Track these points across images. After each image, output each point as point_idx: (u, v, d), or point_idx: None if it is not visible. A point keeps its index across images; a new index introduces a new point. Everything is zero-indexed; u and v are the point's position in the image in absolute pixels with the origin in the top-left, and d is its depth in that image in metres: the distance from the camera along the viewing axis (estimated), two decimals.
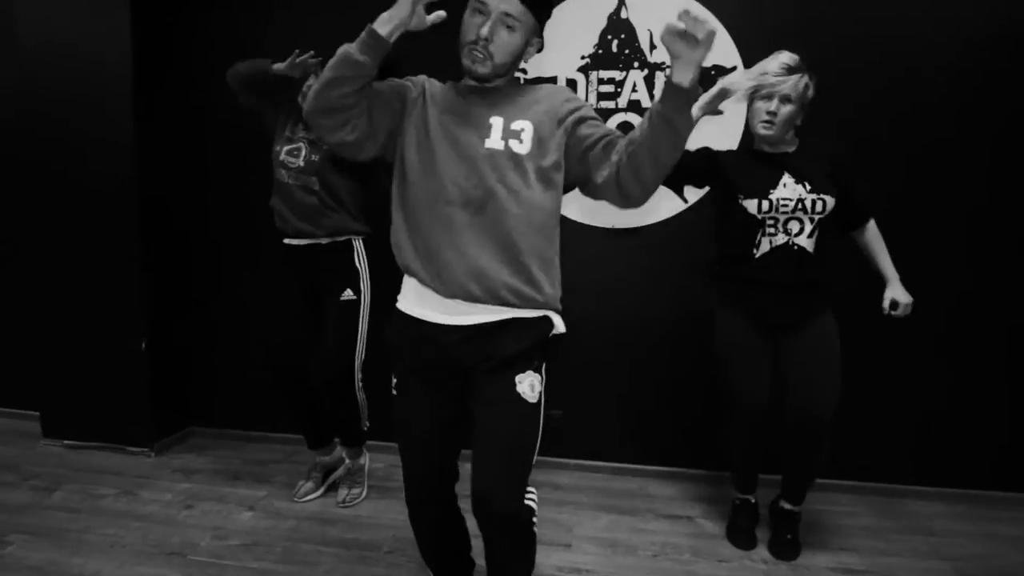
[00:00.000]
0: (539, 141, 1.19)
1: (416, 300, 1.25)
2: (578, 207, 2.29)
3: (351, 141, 1.18)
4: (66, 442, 2.58)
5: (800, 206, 1.67)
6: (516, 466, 1.19)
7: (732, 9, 2.18)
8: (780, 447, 1.81)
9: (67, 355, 2.53)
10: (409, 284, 1.28)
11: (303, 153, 1.97)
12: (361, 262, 2.04)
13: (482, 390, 1.20)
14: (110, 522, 1.97)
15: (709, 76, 2.19)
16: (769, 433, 1.80)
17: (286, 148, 1.99)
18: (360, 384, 2.08)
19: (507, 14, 1.15)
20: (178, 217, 2.58)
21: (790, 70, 1.63)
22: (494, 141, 1.18)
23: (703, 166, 1.78)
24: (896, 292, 1.75)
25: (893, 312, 1.75)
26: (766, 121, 1.66)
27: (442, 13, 1.17)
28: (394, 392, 1.32)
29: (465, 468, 1.24)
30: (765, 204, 1.68)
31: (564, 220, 1.31)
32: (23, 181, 2.52)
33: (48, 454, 2.51)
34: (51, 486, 2.22)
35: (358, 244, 2.04)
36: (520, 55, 1.23)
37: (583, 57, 2.28)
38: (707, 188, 2.01)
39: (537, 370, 1.22)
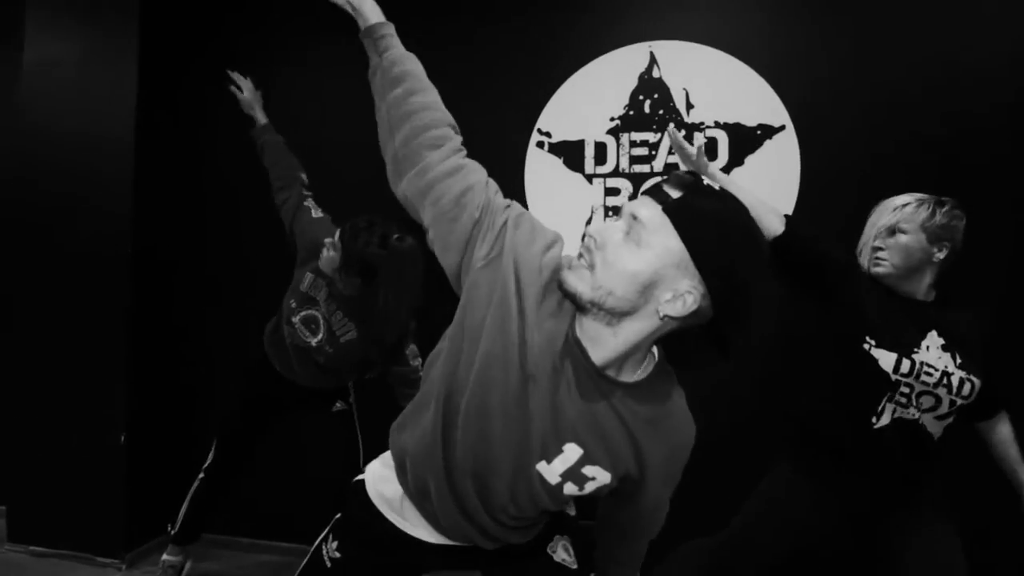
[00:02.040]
0: (601, 491, 0.89)
1: (399, 508, 0.99)
2: None
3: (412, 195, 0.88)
4: (32, 548, 2.27)
5: (945, 381, 1.27)
6: None
7: (776, 59, 1.99)
8: None
9: (37, 445, 2.27)
10: (390, 484, 1.00)
11: (320, 336, 1.69)
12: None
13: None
14: None
15: (755, 136, 1.99)
16: None
17: (302, 314, 1.71)
18: None
19: (636, 217, 0.77)
20: (169, 310, 2.38)
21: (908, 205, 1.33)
22: (551, 473, 0.85)
23: (820, 267, 1.37)
24: None
25: None
26: (879, 261, 1.32)
27: None
28: (325, 559, 1.03)
29: None
30: (905, 364, 1.28)
31: None
32: (5, 263, 2.37)
33: (10, 561, 2.21)
34: None
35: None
36: (643, 292, 0.76)
37: (612, 119, 2.09)
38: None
39: (562, 534, 1.03)
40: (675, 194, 0.76)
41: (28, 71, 2.27)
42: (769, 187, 1.94)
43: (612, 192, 2.09)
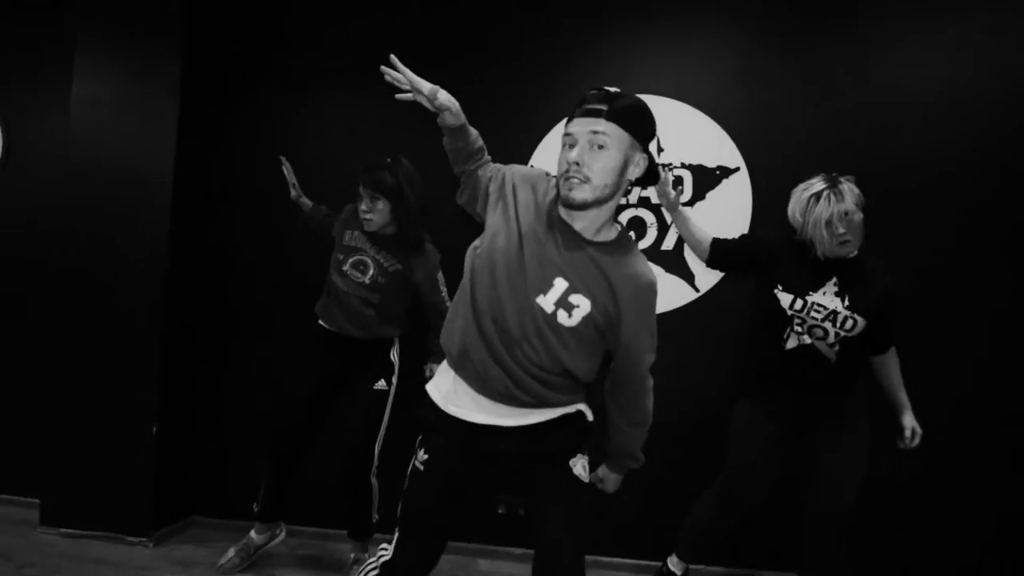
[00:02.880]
0: (588, 321, 1.20)
1: (454, 395, 1.29)
2: None
3: (464, 200, 1.35)
4: (63, 530, 2.48)
5: (832, 318, 1.70)
6: (580, 541, 1.27)
7: (733, 112, 2.37)
8: (802, 547, 1.83)
9: (72, 439, 2.50)
10: (447, 376, 1.31)
11: (371, 272, 2.03)
12: (396, 356, 2.14)
13: (539, 480, 1.27)
14: None
15: (714, 175, 2.36)
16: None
17: (351, 260, 2.05)
18: (375, 470, 2.08)
19: (594, 133, 1.13)
20: (196, 305, 2.66)
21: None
22: (547, 302, 1.20)
23: (749, 256, 1.87)
24: (912, 420, 1.77)
25: (909, 441, 1.78)
26: (844, 241, 1.68)
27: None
28: (419, 466, 1.32)
29: None
30: (795, 302, 1.73)
31: None
32: (45, 262, 2.65)
33: (44, 543, 2.42)
34: (48, 573, 2.12)
35: (396, 341, 2.15)
36: (621, 174, 1.17)
37: None
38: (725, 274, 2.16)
39: (584, 453, 1.32)
40: (604, 106, 1.14)
41: (76, 106, 2.54)
42: (726, 217, 2.31)
43: None
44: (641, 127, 1.18)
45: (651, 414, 1.36)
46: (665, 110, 2.39)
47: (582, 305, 1.19)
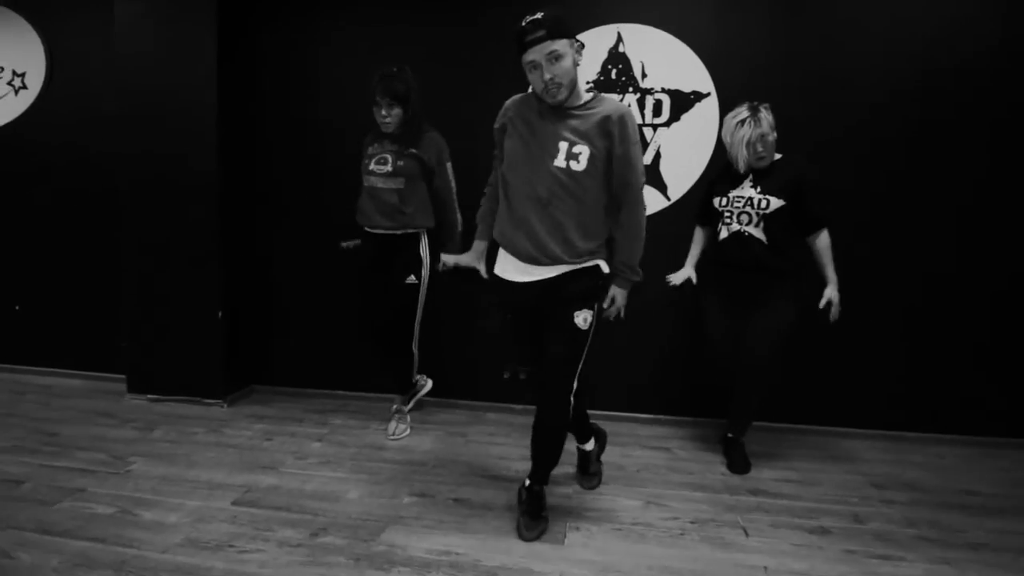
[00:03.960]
0: (592, 158, 1.68)
1: (502, 265, 1.84)
2: None
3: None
4: (149, 396, 3.06)
5: (749, 203, 2.20)
6: (570, 368, 1.79)
7: (708, 42, 2.71)
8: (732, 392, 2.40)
9: (153, 325, 3.02)
10: (501, 253, 1.85)
11: (390, 161, 2.45)
12: (425, 251, 2.55)
13: (554, 319, 1.76)
14: (207, 449, 2.47)
15: (689, 99, 2.74)
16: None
17: (374, 158, 2.49)
18: (416, 342, 2.63)
19: (549, 53, 1.60)
20: (254, 209, 3.09)
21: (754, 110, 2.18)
22: (560, 160, 1.69)
23: (706, 199, 2.38)
24: (833, 293, 2.20)
25: (828, 309, 2.21)
26: (761, 156, 2.18)
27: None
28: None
29: None
30: (722, 200, 2.24)
31: None
32: (123, 174, 3.03)
33: (135, 406, 2.99)
34: (149, 427, 2.71)
35: (424, 236, 2.55)
36: (575, 66, 1.67)
37: (588, 82, 2.81)
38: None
39: (591, 308, 1.77)
40: (543, 31, 1.59)
41: (119, 30, 2.87)
42: (697, 137, 2.72)
43: None
44: (567, 29, 1.64)
45: (644, 227, 1.78)
46: (649, 38, 2.73)
47: (584, 151, 1.66)
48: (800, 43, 2.67)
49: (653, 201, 2.78)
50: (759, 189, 2.20)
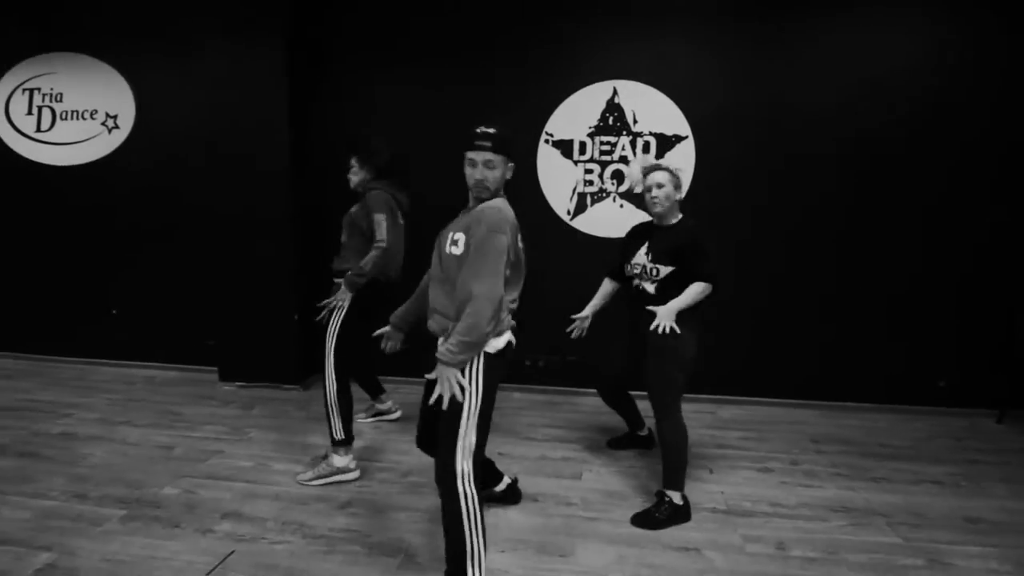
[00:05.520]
0: (464, 245, 1.67)
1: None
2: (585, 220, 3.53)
3: None
4: (238, 383, 3.79)
5: (644, 270, 2.34)
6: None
7: (686, 94, 3.40)
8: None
9: (241, 322, 3.75)
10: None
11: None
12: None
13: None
14: (300, 421, 3.18)
15: (671, 141, 3.44)
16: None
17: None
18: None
19: (486, 161, 1.70)
20: (323, 220, 3.79)
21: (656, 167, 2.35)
22: (446, 245, 1.72)
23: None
24: (663, 311, 2.19)
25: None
26: (654, 203, 2.32)
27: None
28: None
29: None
30: (628, 266, 2.42)
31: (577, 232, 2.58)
32: (209, 203, 3.74)
33: (228, 391, 3.71)
34: (247, 406, 3.42)
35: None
36: (502, 177, 1.75)
37: (590, 127, 3.50)
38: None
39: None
40: (488, 143, 1.70)
41: (202, 74, 3.58)
42: None
43: (588, 171, 3.53)
44: (508, 150, 1.74)
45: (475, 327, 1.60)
46: (639, 92, 3.42)
47: (460, 240, 1.68)
48: (763, 93, 3.36)
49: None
50: (650, 257, 2.33)
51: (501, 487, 2.28)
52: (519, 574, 1.87)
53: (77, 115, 4.21)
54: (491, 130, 1.73)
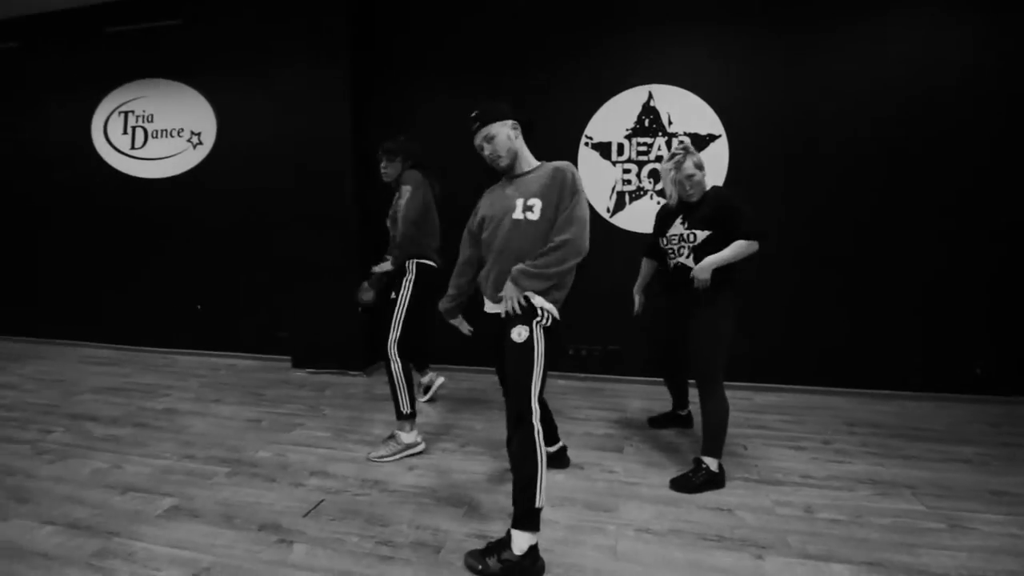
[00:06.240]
0: (543, 212, 1.87)
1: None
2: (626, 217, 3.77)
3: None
4: (308, 370, 4.19)
5: (681, 239, 2.48)
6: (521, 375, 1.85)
7: (719, 96, 3.60)
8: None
9: (312, 315, 4.16)
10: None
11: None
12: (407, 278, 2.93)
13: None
14: (368, 400, 3.53)
15: (705, 140, 3.64)
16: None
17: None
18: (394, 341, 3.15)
19: (484, 136, 1.91)
20: (381, 223, 4.16)
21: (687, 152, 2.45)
22: (517, 213, 1.89)
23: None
24: (698, 268, 2.35)
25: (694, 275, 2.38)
26: (690, 194, 2.46)
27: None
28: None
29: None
30: (663, 240, 2.56)
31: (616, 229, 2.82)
32: (281, 210, 4.17)
33: (300, 377, 4.12)
34: (319, 389, 3.81)
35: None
36: (511, 145, 1.91)
37: (627, 129, 3.74)
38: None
39: (526, 324, 1.85)
40: (477, 123, 1.91)
41: (275, 95, 4.00)
42: (712, 169, 3.61)
43: (626, 171, 3.77)
44: (498, 113, 1.90)
45: (557, 271, 1.86)
46: (673, 94, 3.64)
47: (536, 204, 1.87)
48: (793, 93, 3.53)
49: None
50: (686, 225, 2.47)
51: (554, 448, 2.55)
52: (569, 524, 2.13)
53: (166, 133, 4.74)
54: (474, 112, 1.93)
